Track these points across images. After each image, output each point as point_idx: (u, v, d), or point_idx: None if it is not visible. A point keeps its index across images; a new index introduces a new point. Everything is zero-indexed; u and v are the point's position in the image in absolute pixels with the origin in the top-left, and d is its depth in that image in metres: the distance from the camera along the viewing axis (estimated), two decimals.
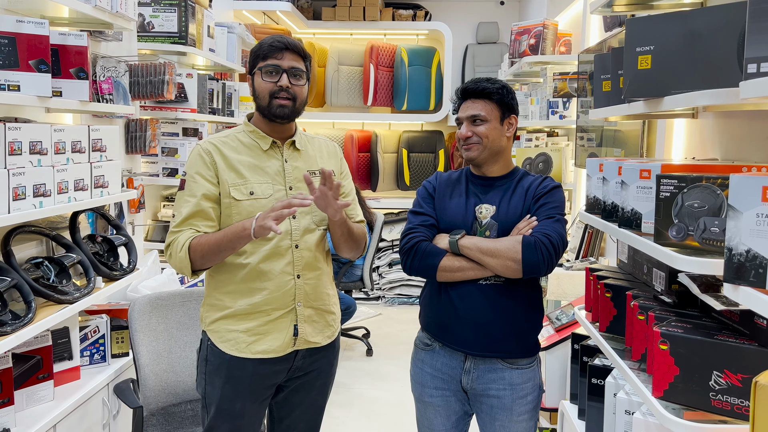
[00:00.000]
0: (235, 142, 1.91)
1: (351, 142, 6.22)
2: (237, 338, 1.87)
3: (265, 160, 1.90)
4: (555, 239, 1.81)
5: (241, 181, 1.86)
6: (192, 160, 1.89)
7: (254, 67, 1.89)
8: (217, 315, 1.90)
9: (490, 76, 2.00)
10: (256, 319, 1.87)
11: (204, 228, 1.84)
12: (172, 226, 1.86)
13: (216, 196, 1.86)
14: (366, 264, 4.82)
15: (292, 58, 1.86)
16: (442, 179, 2.03)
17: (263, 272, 1.85)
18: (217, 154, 1.87)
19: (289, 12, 5.53)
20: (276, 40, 1.87)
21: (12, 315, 2.00)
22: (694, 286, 1.46)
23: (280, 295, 1.87)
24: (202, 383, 1.94)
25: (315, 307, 1.94)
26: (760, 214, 1.05)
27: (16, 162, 1.97)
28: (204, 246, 1.79)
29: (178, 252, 1.80)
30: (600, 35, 3.31)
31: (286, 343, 1.89)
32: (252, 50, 1.92)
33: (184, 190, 1.88)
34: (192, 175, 1.86)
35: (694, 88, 1.41)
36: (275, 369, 1.91)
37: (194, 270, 1.84)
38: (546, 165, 3.80)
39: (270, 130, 1.92)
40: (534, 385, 1.95)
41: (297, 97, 1.87)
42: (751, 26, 1.06)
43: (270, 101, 1.85)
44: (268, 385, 1.93)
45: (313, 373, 1.98)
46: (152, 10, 3.36)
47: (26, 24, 2.01)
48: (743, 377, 1.30)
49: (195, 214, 1.84)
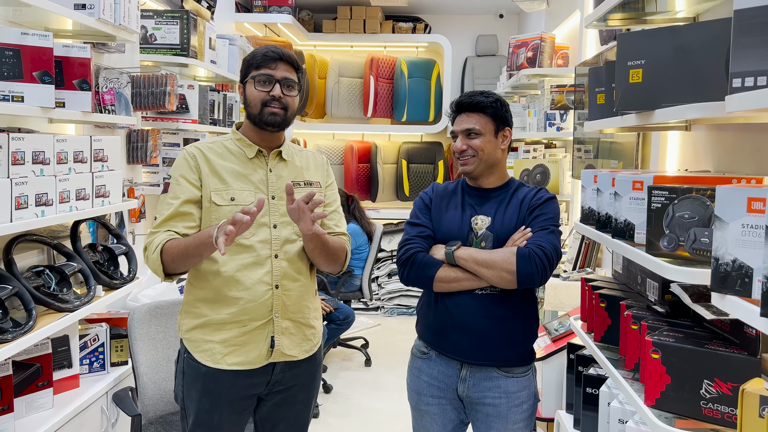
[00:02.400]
0: (221, 149, 1.90)
1: (351, 152, 6.25)
2: (213, 349, 1.85)
3: (249, 168, 1.89)
4: (549, 251, 1.83)
5: (223, 186, 1.85)
6: (177, 163, 1.89)
7: (247, 76, 1.89)
8: (193, 323, 1.88)
9: (489, 88, 2.04)
10: (232, 329, 1.84)
11: (183, 230, 1.82)
12: (153, 226, 1.85)
13: (198, 199, 1.85)
14: (365, 274, 4.84)
15: (285, 68, 1.87)
16: (438, 190, 2.06)
17: (238, 281, 1.83)
18: (202, 158, 1.87)
19: (290, 24, 5.58)
20: (270, 50, 1.87)
21: (12, 323, 2.02)
22: (686, 296, 1.48)
23: (256, 305, 1.84)
24: (180, 395, 1.92)
25: (293, 319, 1.90)
26: (746, 225, 1.07)
27: (18, 171, 2.00)
28: (174, 250, 1.76)
29: (152, 254, 1.79)
30: (596, 49, 3.35)
31: (262, 355, 1.86)
32: (245, 59, 1.91)
33: (168, 193, 1.88)
34: (176, 178, 1.86)
35: (684, 101, 1.44)
36: (252, 381, 1.88)
37: (167, 273, 1.81)
38: (543, 176, 3.82)
39: (258, 139, 1.91)
40: (529, 393, 1.96)
41: (288, 107, 1.88)
42: (736, 41, 1.09)
43: (261, 109, 1.85)
44: (246, 396, 1.90)
45: (295, 387, 1.96)
46: (154, 22, 3.40)
47: (30, 36, 2.05)
48: (733, 386, 1.32)
49: (174, 215, 1.82)
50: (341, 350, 4.99)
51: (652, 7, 2.04)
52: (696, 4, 1.94)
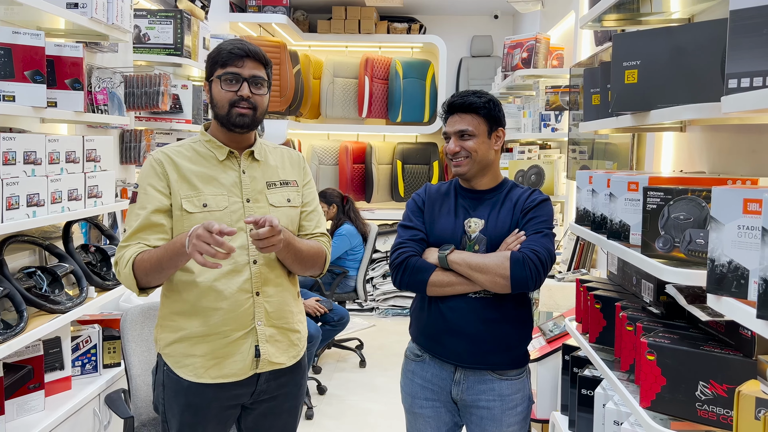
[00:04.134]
0: (190, 152, 1.80)
1: (346, 153, 6.25)
2: (194, 363, 1.76)
3: (220, 171, 1.79)
4: (543, 255, 1.82)
5: (194, 192, 1.75)
6: (144, 171, 1.78)
7: (212, 74, 1.78)
8: (172, 337, 1.78)
9: (484, 89, 2.01)
10: (214, 341, 1.76)
11: (154, 241, 1.72)
12: (122, 240, 1.75)
13: (168, 207, 1.75)
14: (360, 275, 4.83)
15: (252, 66, 1.76)
16: (431, 192, 2.04)
17: (217, 291, 1.74)
18: (170, 164, 1.77)
19: (285, 24, 5.57)
20: (236, 47, 1.75)
21: (4, 324, 2.00)
22: (681, 298, 1.48)
23: (237, 314, 1.75)
24: (160, 407, 1.84)
25: (277, 326, 1.82)
26: (742, 226, 1.07)
27: (10, 172, 1.98)
28: (146, 263, 1.67)
29: (123, 268, 1.69)
30: (591, 49, 3.35)
31: (247, 366, 1.78)
32: (209, 55, 1.79)
33: (135, 203, 1.77)
34: (143, 187, 1.76)
35: (680, 102, 1.44)
36: (237, 393, 1.81)
37: (141, 287, 1.72)
38: (538, 177, 3.82)
39: (228, 140, 1.82)
40: (523, 396, 1.95)
41: (258, 106, 1.77)
42: (732, 42, 1.09)
43: (229, 110, 1.75)
44: (230, 407, 1.82)
45: (280, 398, 1.88)
46: (148, 22, 3.38)
47: (22, 35, 2.03)
48: (728, 387, 1.32)
49: (144, 227, 1.73)
50: (336, 351, 4.97)
51: (647, 7, 2.04)
52: (691, 5, 1.94)
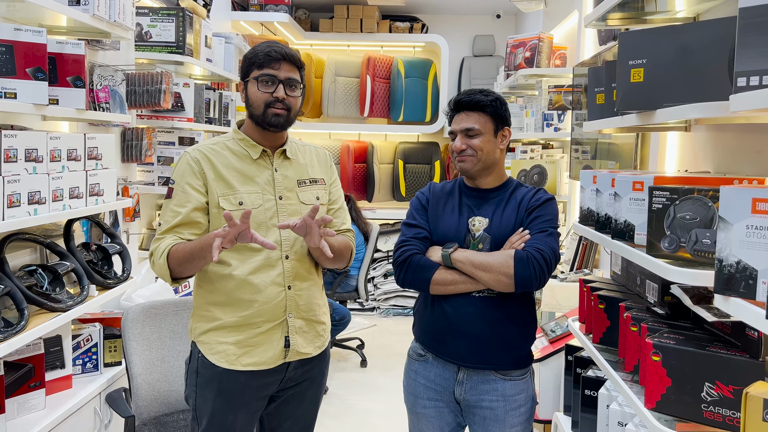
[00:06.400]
0: (225, 150, 1.87)
1: (347, 152, 6.23)
2: (227, 350, 1.84)
3: (254, 169, 1.87)
4: (547, 254, 1.81)
5: (230, 191, 1.83)
6: (180, 168, 1.85)
7: (248, 75, 1.85)
8: (206, 326, 1.87)
9: (485, 88, 2.01)
10: (246, 331, 1.84)
11: (189, 236, 1.81)
12: (158, 233, 1.83)
13: (205, 206, 1.83)
14: (361, 274, 4.82)
15: (288, 68, 1.84)
16: (435, 190, 2.03)
17: (253, 284, 1.82)
18: (206, 162, 1.84)
19: (287, 23, 5.56)
20: (273, 50, 1.83)
21: (4, 322, 1.99)
22: (687, 298, 1.46)
23: (270, 307, 1.84)
24: (192, 395, 1.91)
25: (306, 318, 1.91)
26: (750, 226, 1.06)
27: (11, 169, 1.97)
28: (180, 254, 1.75)
29: (158, 259, 1.77)
30: (595, 49, 3.34)
31: (277, 355, 1.86)
32: (246, 56, 1.87)
33: (172, 199, 1.84)
34: (181, 185, 1.83)
35: (686, 101, 1.42)
36: (267, 381, 1.88)
37: (174, 277, 1.80)
38: (541, 177, 3.81)
39: (261, 139, 1.89)
40: (527, 396, 1.94)
41: (292, 107, 1.86)
42: (741, 40, 1.08)
43: (265, 111, 1.83)
44: (260, 397, 1.90)
45: (305, 383, 1.96)
46: (150, 19, 3.37)
47: (24, 32, 2.02)
48: (735, 389, 1.31)
49: (181, 224, 1.81)
50: (337, 351, 4.96)
51: (651, 6, 2.03)
52: (696, 3, 1.93)
